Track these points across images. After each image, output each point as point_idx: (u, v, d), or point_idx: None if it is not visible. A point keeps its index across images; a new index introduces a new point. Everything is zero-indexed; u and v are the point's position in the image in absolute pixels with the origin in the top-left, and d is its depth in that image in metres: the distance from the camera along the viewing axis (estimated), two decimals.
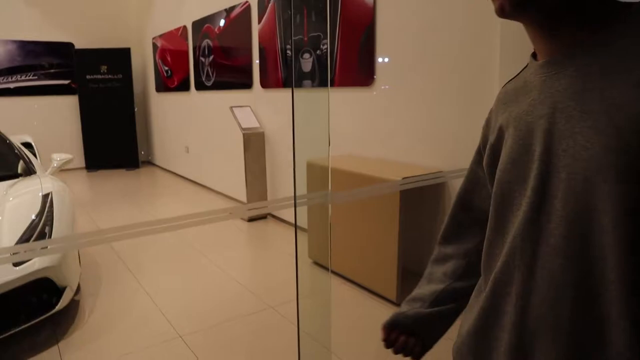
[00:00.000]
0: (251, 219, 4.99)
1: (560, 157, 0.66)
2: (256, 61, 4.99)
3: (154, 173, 8.16)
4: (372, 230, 3.05)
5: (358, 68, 3.55)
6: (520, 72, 0.82)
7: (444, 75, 2.94)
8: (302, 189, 3.31)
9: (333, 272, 3.46)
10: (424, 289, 1.00)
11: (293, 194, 2.25)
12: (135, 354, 2.53)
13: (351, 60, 3.60)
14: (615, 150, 0.59)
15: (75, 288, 2.91)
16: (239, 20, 5.15)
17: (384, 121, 3.45)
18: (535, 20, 0.69)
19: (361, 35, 3.46)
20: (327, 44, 3.79)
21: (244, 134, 4.86)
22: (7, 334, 2.45)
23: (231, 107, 5.04)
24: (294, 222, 4.39)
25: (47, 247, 2.07)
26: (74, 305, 3.06)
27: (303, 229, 4.16)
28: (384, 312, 2.90)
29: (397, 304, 2.94)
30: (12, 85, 7.81)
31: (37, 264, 2.51)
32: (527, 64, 0.79)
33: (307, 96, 4.10)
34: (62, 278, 2.68)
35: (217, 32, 5.64)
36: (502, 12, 0.69)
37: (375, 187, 2.79)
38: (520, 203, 0.72)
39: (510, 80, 0.84)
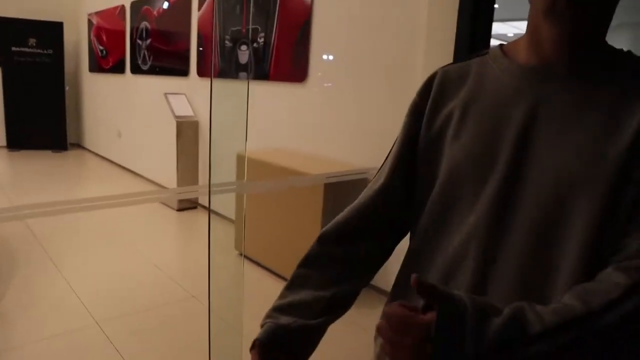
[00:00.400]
0: (181, 209, 4.93)
1: (531, 166, 0.64)
2: (194, 49, 4.93)
3: (83, 156, 7.83)
4: (298, 223, 3.13)
5: (293, 64, 3.61)
6: (470, 60, 0.79)
7: (374, 75, 3.06)
8: (231, 180, 3.33)
9: (260, 265, 3.51)
10: (302, 295, 0.81)
11: (228, 182, 2.29)
12: (50, 340, 2.46)
13: (286, 56, 3.65)
14: (592, 167, 0.60)
15: None
16: (179, 5, 5.06)
17: (315, 118, 3.53)
18: (576, 21, 0.64)
19: (297, 32, 3.53)
20: (264, 37, 3.83)
21: (177, 122, 4.80)
22: None
23: (165, 94, 4.95)
24: (223, 212, 4.40)
25: None
26: None
27: (230, 220, 4.18)
28: None
29: None
30: None
31: None
32: (484, 54, 0.77)
33: (231, 87, 4.12)
34: None
35: (156, 15, 5.51)
36: (552, 6, 0.64)
37: (293, 179, 2.87)
38: (473, 205, 0.69)
39: (450, 65, 0.81)
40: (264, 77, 3.86)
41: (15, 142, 7.89)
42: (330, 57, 3.36)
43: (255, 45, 3.92)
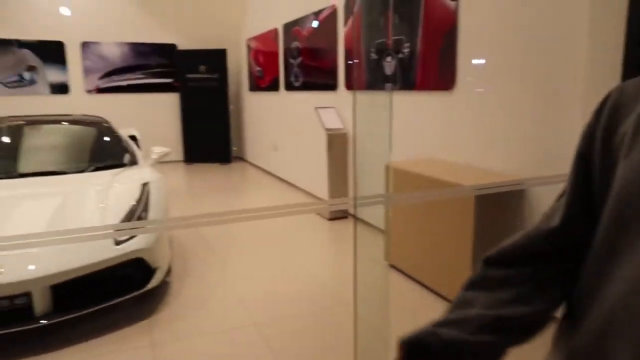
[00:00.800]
0: (332, 218, 5.11)
1: None
2: (341, 63, 5.10)
3: (244, 168, 8.59)
4: (448, 235, 3.03)
5: (439, 72, 3.52)
6: None
7: (526, 80, 2.85)
8: (379, 191, 3.36)
9: (408, 276, 3.47)
10: (462, 312, 0.75)
11: (374, 194, 2.33)
12: (213, 335, 2.74)
13: (432, 64, 3.58)
14: None
15: (165, 270, 3.20)
16: (326, 23, 5.29)
17: (464, 126, 3.40)
18: None
19: (443, 39, 3.44)
20: (409, 47, 3.80)
21: (327, 134, 5.00)
22: (105, 305, 2.77)
23: (316, 108, 5.20)
24: (374, 223, 4.46)
25: (144, 227, 2.34)
26: (164, 286, 3.36)
27: (379, 230, 4.21)
28: None
29: None
30: (124, 83, 8.64)
31: (133, 245, 2.81)
32: None
33: (377, 99, 4.14)
34: (154, 260, 2.97)
35: (306, 35, 5.84)
36: None
37: (441, 191, 2.78)
38: None
39: (629, 80, 0.71)
40: (410, 86, 3.83)
41: (190, 157, 9.01)
42: (479, 63, 3.21)
43: (400, 55, 3.92)
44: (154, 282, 2.98)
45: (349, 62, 4.95)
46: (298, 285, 3.43)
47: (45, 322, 2.57)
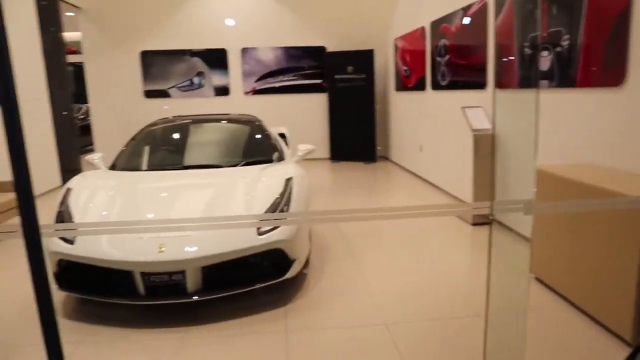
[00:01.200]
0: (476, 223, 4.85)
1: None
2: (491, 60, 4.80)
3: (388, 168, 8.60)
4: (606, 251, 2.67)
5: (605, 65, 3.11)
6: None
7: None
8: (523, 196, 3.09)
9: (556, 292, 3.15)
10: None
11: (520, 199, 2.16)
12: (344, 330, 2.79)
13: (597, 57, 3.18)
14: None
15: (303, 262, 3.35)
16: (476, 18, 5.03)
17: (636, 127, 2.95)
18: None
19: (611, 27, 3.03)
20: (568, 39, 3.42)
21: (474, 135, 4.76)
22: (247, 289, 3.00)
23: (463, 108, 4.98)
24: (520, 231, 4.12)
25: (286, 219, 2.48)
26: (301, 277, 3.52)
27: (526, 239, 3.88)
28: (610, 350, 2.53)
29: (629, 344, 2.52)
30: (277, 85, 9.27)
31: (274, 236, 3.00)
32: None
33: (527, 97, 3.78)
34: (292, 251, 3.13)
35: (454, 32, 5.62)
36: None
37: (594, 202, 2.45)
38: None
39: None
40: (569, 83, 3.46)
41: (336, 155, 9.32)
42: None
43: (558, 49, 3.55)
44: (291, 272, 3.14)
45: (500, 59, 4.64)
46: (432, 290, 3.32)
47: (196, 298, 2.88)
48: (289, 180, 3.50)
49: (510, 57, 4.40)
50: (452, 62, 5.76)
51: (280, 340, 2.69)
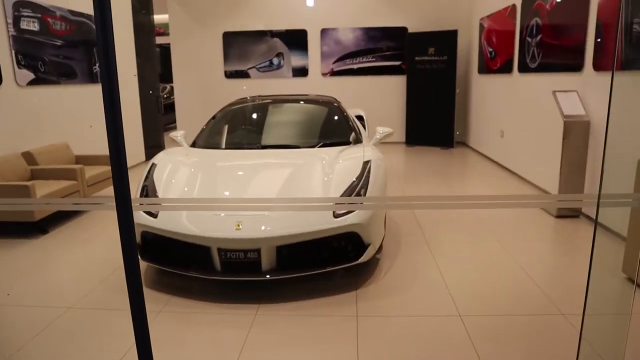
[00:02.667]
0: (560, 216, 4.54)
1: None
2: (591, 40, 4.41)
3: (466, 154, 8.27)
4: None
5: None
6: None
7: None
8: (625, 190, 2.82)
9: None
10: None
11: (628, 193, 1.97)
12: (415, 318, 2.72)
13: None
14: None
15: (377, 247, 3.30)
16: None
17: None
18: None
19: None
20: None
21: (565, 122, 4.42)
22: (320, 271, 3.00)
23: (554, 92, 4.63)
24: (610, 226, 3.80)
25: (361, 203, 2.43)
26: (374, 261, 3.47)
27: (621, 237, 3.57)
28: None
29: None
30: (355, 66, 9.16)
31: (350, 219, 2.96)
32: None
33: (635, 81, 3.41)
34: (367, 235, 3.08)
35: (549, 9, 5.21)
36: None
37: None
38: None
39: None
40: None
41: (412, 139, 9.10)
42: None
43: None
44: (365, 257, 3.09)
45: (599, 39, 4.24)
46: (511, 284, 3.15)
47: (269, 277, 2.92)
48: (366, 163, 3.44)
49: (614, 36, 4.02)
50: (544, 42, 5.36)
51: (351, 324, 2.66)
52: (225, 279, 3.03)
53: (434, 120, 8.80)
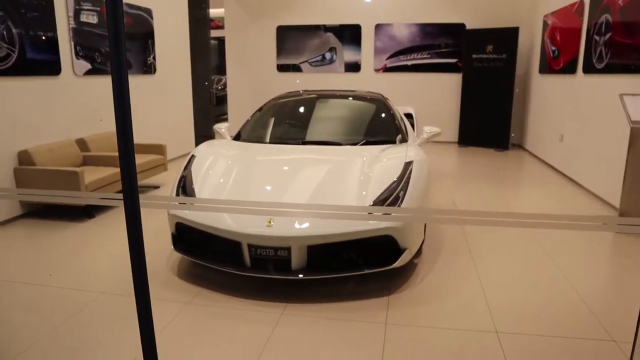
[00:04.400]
0: (620, 231, 4.19)
1: None
2: None
3: (522, 158, 7.87)
4: None
5: None
6: None
7: None
8: None
9: None
10: None
11: None
12: (449, 332, 2.56)
13: None
14: None
15: (414, 251, 3.15)
16: None
17: None
18: None
19: None
20: None
21: (632, 128, 4.06)
22: (351, 274, 2.90)
23: (621, 95, 4.27)
24: None
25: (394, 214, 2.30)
26: (411, 266, 3.33)
27: None
28: None
29: None
30: (409, 63, 8.93)
31: (385, 222, 2.83)
32: None
33: None
34: (404, 240, 2.94)
35: (622, 5, 4.81)
36: None
37: None
38: None
39: None
40: None
41: (465, 139, 8.77)
42: None
43: None
44: (400, 262, 2.96)
45: None
46: (559, 303, 2.91)
47: (300, 276, 2.85)
48: (408, 164, 3.29)
49: None
50: (614, 41, 4.96)
51: (378, 332, 2.54)
52: (254, 276, 2.99)
53: (489, 120, 8.42)
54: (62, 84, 4.98)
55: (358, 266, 2.92)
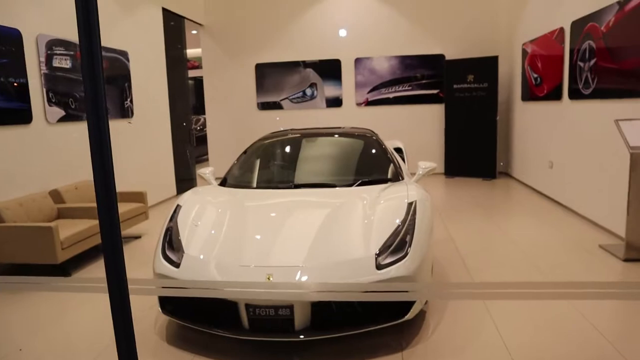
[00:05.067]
0: (628, 259, 4.04)
1: None
2: None
3: (510, 186, 7.78)
4: None
5: None
6: None
7: None
8: None
9: None
10: None
11: None
12: None
13: None
14: None
15: (424, 300, 2.91)
16: (637, 13, 4.22)
17: None
18: None
19: None
20: None
21: (632, 154, 3.96)
22: (358, 331, 2.62)
23: (616, 121, 4.19)
24: None
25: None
26: (420, 315, 3.08)
27: None
28: None
29: None
30: (391, 95, 8.88)
31: (394, 271, 2.60)
32: None
33: None
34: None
35: (604, 31, 4.81)
36: None
37: None
38: None
39: None
40: None
41: (452, 170, 8.67)
42: None
43: None
44: (412, 314, 2.70)
45: None
46: (575, 336, 2.69)
47: (303, 337, 2.57)
48: (411, 204, 3.09)
49: None
50: (600, 66, 4.94)
51: None
52: (253, 339, 2.69)
53: (475, 149, 8.36)
54: (34, 133, 4.69)
55: (367, 322, 2.66)
